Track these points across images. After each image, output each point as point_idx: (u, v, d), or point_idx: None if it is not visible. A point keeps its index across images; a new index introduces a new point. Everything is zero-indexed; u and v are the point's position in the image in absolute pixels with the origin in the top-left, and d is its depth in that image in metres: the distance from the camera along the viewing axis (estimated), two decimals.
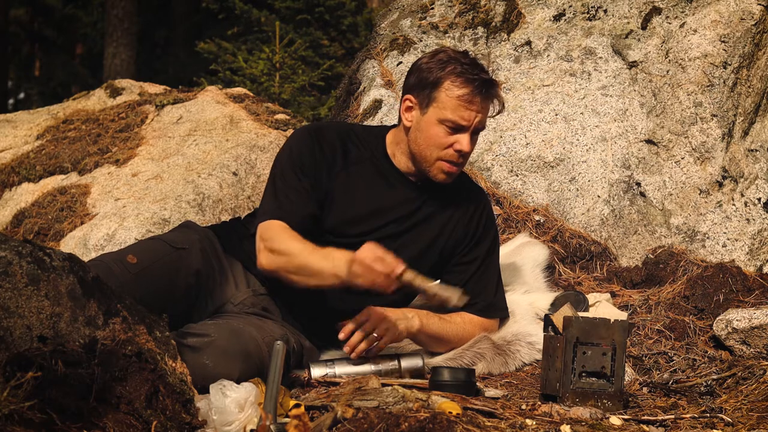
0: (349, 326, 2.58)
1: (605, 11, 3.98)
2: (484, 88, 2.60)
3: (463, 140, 2.61)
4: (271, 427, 1.84)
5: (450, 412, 2.00)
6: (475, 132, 2.65)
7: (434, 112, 2.60)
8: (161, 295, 2.42)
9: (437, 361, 2.69)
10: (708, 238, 3.50)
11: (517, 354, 2.80)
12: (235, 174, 3.91)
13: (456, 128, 2.60)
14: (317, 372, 2.56)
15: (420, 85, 2.64)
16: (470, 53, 2.73)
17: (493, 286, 2.82)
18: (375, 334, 2.57)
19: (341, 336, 2.57)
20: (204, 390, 2.03)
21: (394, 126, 2.80)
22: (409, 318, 2.64)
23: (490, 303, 2.80)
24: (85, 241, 3.55)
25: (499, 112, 2.69)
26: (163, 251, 2.52)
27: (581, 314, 2.52)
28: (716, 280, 3.19)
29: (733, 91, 3.68)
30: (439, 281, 2.74)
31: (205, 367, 2.24)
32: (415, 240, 2.75)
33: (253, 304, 2.65)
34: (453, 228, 2.78)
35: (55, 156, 4.29)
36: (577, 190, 3.65)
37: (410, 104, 2.67)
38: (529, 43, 4.00)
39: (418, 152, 2.66)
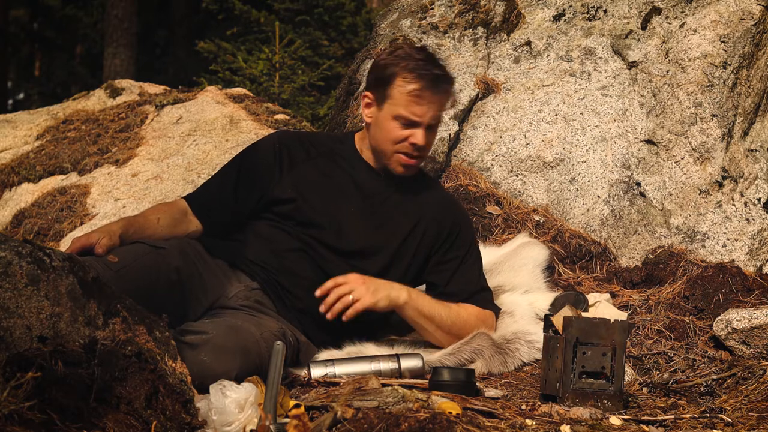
0: (328, 285, 2.59)
1: (605, 11, 3.98)
2: (435, 83, 2.67)
3: (417, 134, 2.69)
4: (271, 427, 1.84)
5: (450, 412, 2.00)
6: (430, 127, 2.72)
7: (388, 108, 2.69)
8: (144, 293, 2.42)
9: (436, 357, 2.69)
10: (708, 238, 3.50)
11: (517, 353, 2.80)
12: None
13: (409, 123, 2.68)
14: (317, 372, 2.56)
15: (376, 82, 2.74)
16: (428, 48, 2.81)
17: (479, 280, 2.85)
18: (351, 297, 2.57)
19: (318, 293, 2.58)
20: (204, 389, 2.03)
21: (359, 129, 2.90)
22: (395, 288, 2.66)
23: (480, 294, 2.82)
24: None
25: (451, 107, 2.78)
26: (142, 251, 2.56)
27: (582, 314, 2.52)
28: (716, 280, 3.19)
29: (732, 91, 3.68)
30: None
31: (203, 364, 2.24)
32: (390, 236, 2.78)
33: (246, 296, 2.67)
34: (425, 228, 2.81)
35: (55, 156, 4.29)
36: (577, 190, 3.65)
37: (369, 101, 2.77)
38: (528, 43, 4.00)
39: (377, 146, 2.76)
